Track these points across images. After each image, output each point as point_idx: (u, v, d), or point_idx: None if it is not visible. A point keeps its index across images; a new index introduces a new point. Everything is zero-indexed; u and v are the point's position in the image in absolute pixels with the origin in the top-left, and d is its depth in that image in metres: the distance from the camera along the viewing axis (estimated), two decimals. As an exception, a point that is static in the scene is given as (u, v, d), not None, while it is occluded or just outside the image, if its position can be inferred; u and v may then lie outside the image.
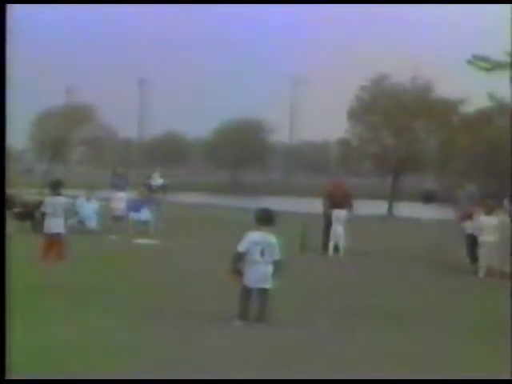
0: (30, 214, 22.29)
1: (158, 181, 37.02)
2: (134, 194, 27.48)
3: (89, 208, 24.79)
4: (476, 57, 22.86)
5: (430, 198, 42.30)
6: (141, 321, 10.33)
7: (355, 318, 11.28)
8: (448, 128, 52.57)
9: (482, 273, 17.37)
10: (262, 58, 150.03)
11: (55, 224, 16.59)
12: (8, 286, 7.64)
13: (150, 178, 36.80)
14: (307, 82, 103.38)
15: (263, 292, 10.41)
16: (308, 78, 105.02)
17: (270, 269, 10.43)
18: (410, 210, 44.41)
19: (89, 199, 25.31)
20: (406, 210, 45.84)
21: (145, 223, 25.20)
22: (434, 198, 42.22)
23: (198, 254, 18.88)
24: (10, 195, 19.71)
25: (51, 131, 71.33)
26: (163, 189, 36.84)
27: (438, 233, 27.14)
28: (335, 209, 20.99)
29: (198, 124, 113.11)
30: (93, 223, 24.59)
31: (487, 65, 22.63)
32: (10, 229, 16.80)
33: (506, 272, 17.29)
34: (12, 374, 6.80)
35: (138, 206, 25.69)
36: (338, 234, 20.78)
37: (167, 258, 18.03)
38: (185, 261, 17.56)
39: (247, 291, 10.44)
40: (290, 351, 8.86)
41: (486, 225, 17.65)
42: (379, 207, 48.56)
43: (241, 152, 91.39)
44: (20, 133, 67.76)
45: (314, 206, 25.46)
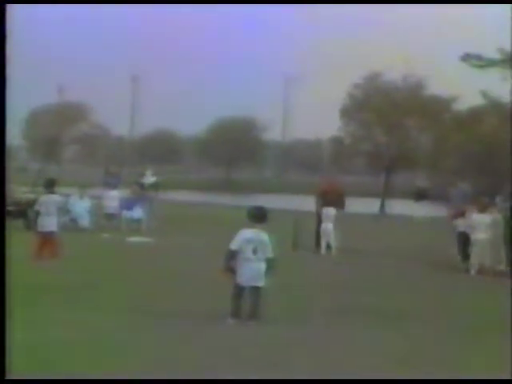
0: (22, 213, 22.25)
1: (150, 179, 36.99)
2: (126, 192, 27.46)
3: (81, 206, 24.79)
4: (469, 55, 22.90)
5: (421, 195, 42.43)
6: (133, 319, 10.31)
7: (347, 316, 11.27)
8: (440, 126, 52.69)
9: (473, 271, 17.40)
10: (255, 56, 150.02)
11: (49, 222, 16.59)
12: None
13: (143, 176, 36.76)
14: (300, 80, 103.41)
15: (256, 290, 10.41)
16: (301, 76, 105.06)
17: (262, 267, 10.43)
18: (402, 207, 44.46)
19: (81, 197, 25.32)
20: (399, 207, 45.89)
21: (137, 221, 25.20)
22: (425, 196, 42.34)
23: (191, 252, 18.87)
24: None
25: (44, 130, 71.26)
26: (155, 187, 36.79)
27: (429, 231, 27.22)
28: (328, 207, 21.02)
29: (191, 122, 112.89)
30: (85, 221, 24.59)
31: (480, 62, 22.67)
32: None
33: (497, 270, 17.35)
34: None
35: (131, 204, 25.69)
36: (329, 232, 20.81)
37: (160, 256, 18.02)
38: (177, 259, 17.55)
39: (240, 289, 10.43)
40: (283, 349, 8.85)
41: (478, 223, 17.68)
42: (372, 205, 48.61)
43: (234, 150, 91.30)
44: (13, 131, 67.54)
45: (307, 203, 25.49)
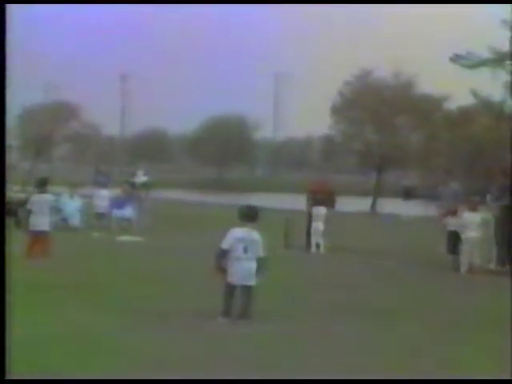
0: (13, 211, 22.18)
1: (141, 178, 37.04)
2: (117, 192, 27.43)
3: (72, 205, 24.75)
4: (458, 55, 22.93)
5: (409, 194, 42.59)
6: (124, 318, 10.29)
7: (338, 314, 11.29)
8: (431, 125, 52.75)
9: (464, 269, 17.44)
10: (246, 54, 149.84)
11: (41, 221, 16.58)
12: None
13: (134, 175, 36.82)
14: (291, 78, 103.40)
15: (247, 289, 10.41)
16: (292, 74, 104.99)
17: (253, 265, 10.42)
18: (392, 206, 44.55)
19: (72, 196, 25.26)
20: (389, 206, 45.98)
21: (128, 220, 25.18)
22: (412, 195, 42.49)
23: (181, 251, 18.85)
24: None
25: (35, 128, 71.11)
26: (147, 186, 36.85)
27: (418, 229, 27.27)
28: (318, 206, 21.06)
29: (182, 121, 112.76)
30: (76, 221, 24.54)
31: (470, 62, 22.70)
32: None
33: (487, 268, 17.40)
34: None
35: (121, 203, 25.66)
36: (319, 231, 20.84)
37: (150, 255, 18.00)
38: (168, 258, 17.53)
39: (231, 288, 10.43)
40: (274, 348, 8.85)
41: (469, 221, 17.73)
42: (362, 204, 48.67)
43: (225, 149, 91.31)
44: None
45: (298, 202, 25.51)
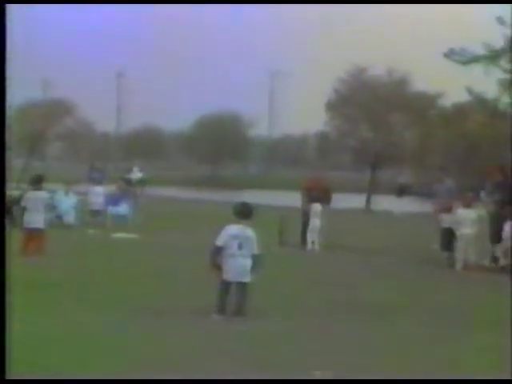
0: (7, 209, 22.12)
1: (137, 175, 37.04)
2: (111, 188, 27.40)
3: (67, 203, 24.70)
4: (452, 51, 22.89)
5: (403, 191, 42.67)
6: (119, 315, 10.29)
7: (334, 311, 11.30)
8: (426, 122, 52.81)
9: (458, 266, 17.46)
10: (241, 52, 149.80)
11: (35, 219, 16.57)
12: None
13: (130, 172, 36.82)
14: (286, 75, 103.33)
15: (242, 286, 10.42)
16: (287, 71, 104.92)
17: (248, 262, 10.44)
18: (387, 203, 44.60)
19: (66, 194, 25.22)
20: (384, 203, 46.04)
21: (123, 217, 25.15)
22: (406, 192, 42.57)
23: (177, 248, 18.85)
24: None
25: (29, 126, 70.93)
26: (142, 183, 36.85)
27: (412, 226, 27.30)
28: (313, 203, 21.06)
29: (177, 118, 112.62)
30: (71, 218, 24.50)
31: (463, 58, 22.67)
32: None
33: (482, 265, 17.43)
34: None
35: (116, 200, 25.64)
36: (316, 229, 20.84)
37: (146, 252, 17.99)
38: (163, 255, 17.53)
39: (226, 285, 10.44)
40: (269, 345, 8.85)
41: (463, 218, 17.74)
42: (358, 200, 48.71)
43: (220, 146, 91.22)
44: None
45: (293, 199, 25.51)
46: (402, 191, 42.50)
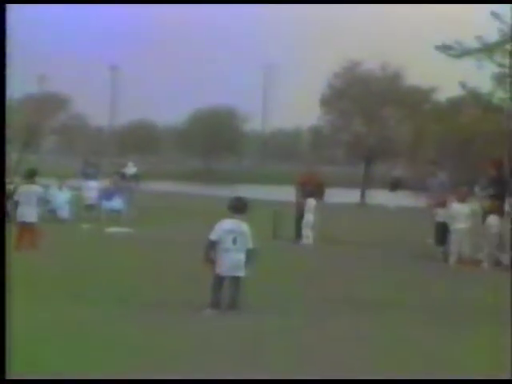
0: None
1: (132, 169, 37.00)
2: (106, 183, 27.39)
3: (61, 197, 24.69)
4: (445, 44, 22.86)
5: (396, 185, 42.72)
6: (113, 310, 10.28)
7: (328, 305, 11.29)
8: (419, 116, 52.85)
9: (452, 260, 17.49)
10: (235, 47, 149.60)
11: (29, 213, 16.53)
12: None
13: (125, 166, 36.77)
14: (279, 70, 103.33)
15: (236, 280, 10.41)
16: (280, 66, 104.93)
17: (242, 257, 10.43)
18: (381, 197, 44.65)
19: (60, 188, 25.20)
20: (378, 197, 46.08)
21: (117, 212, 25.14)
22: (400, 186, 42.63)
23: (171, 243, 18.84)
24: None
25: (23, 119, 70.77)
26: (136, 177, 36.79)
27: (406, 220, 27.33)
28: (307, 198, 21.08)
29: (171, 112, 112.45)
30: (65, 212, 24.49)
31: (457, 52, 22.64)
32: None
33: (476, 259, 17.44)
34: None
35: (110, 194, 25.63)
36: (310, 223, 20.86)
37: (140, 247, 17.99)
38: (157, 249, 17.53)
39: (220, 279, 10.43)
40: (263, 340, 8.84)
41: (458, 212, 17.77)
42: (352, 195, 48.76)
43: (213, 140, 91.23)
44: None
45: (287, 193, 25.52)
46: (395, 185, 42.54)
